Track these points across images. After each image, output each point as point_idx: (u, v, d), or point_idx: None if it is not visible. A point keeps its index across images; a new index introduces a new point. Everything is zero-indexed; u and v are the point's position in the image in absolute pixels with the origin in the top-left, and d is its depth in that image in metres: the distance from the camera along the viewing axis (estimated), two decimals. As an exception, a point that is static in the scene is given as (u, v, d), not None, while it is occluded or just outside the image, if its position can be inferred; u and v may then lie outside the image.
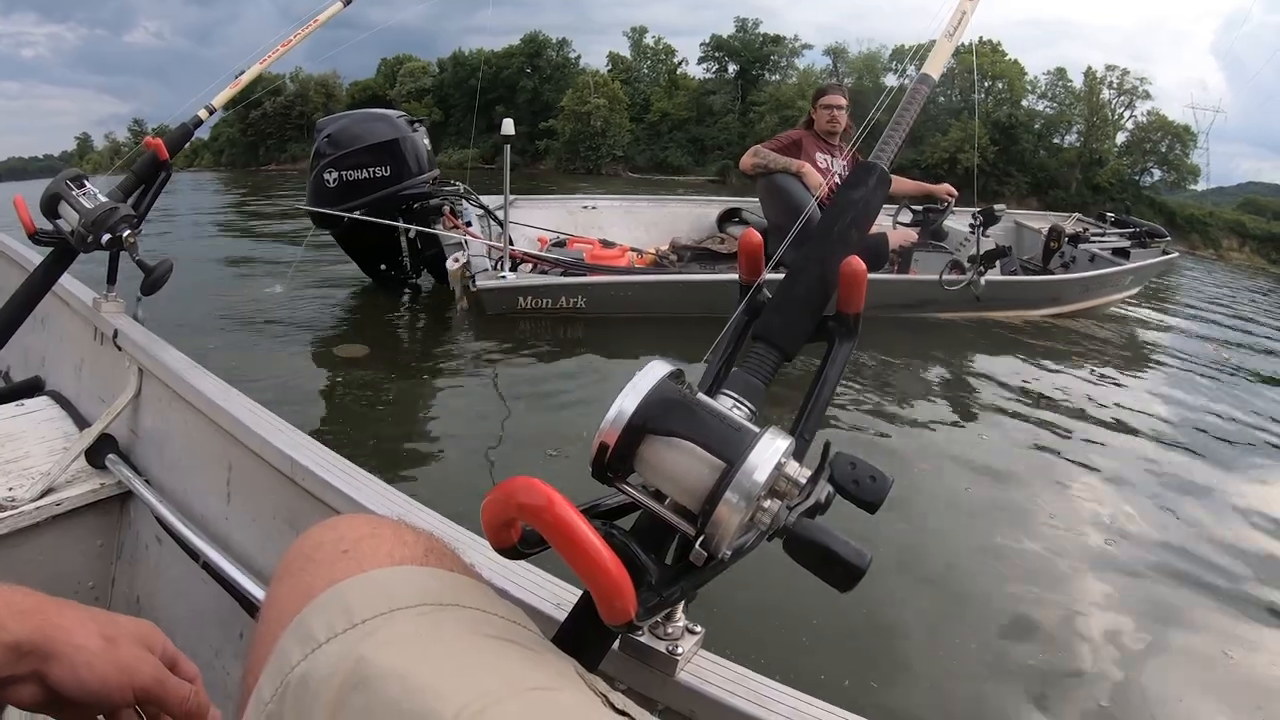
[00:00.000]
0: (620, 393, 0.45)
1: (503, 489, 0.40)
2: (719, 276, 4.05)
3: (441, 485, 2.06)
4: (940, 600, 1.77)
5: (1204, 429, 3.45)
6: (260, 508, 0.99)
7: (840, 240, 0.58)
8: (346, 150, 3.79)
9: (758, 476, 0.41)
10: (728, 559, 0.45)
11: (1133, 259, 5.26)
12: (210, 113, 1.65)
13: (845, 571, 0.42)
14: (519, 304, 3.54)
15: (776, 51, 49.65)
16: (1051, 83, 43.28)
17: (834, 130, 4.37)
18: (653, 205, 5.41)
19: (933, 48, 0.74)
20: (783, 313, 0.56)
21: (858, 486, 0.46)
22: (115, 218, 1.35)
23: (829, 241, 0.58)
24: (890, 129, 0.67)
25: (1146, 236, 5.55)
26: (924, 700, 1.51)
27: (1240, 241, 37.78)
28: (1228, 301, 9.90)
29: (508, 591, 0.64)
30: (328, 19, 1.80)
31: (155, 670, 0.53)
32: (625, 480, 0.47)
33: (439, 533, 0.52)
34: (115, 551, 1.25)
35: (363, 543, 0.47)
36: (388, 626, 0.39)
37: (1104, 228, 5.61)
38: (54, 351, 1.68)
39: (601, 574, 0.38)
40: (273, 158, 46.10)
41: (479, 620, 0.42)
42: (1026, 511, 2.33)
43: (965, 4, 0.78)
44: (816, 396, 0.52)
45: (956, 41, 0.76)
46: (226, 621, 0.98)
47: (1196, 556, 2.20)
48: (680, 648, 0.56)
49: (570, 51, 52.06)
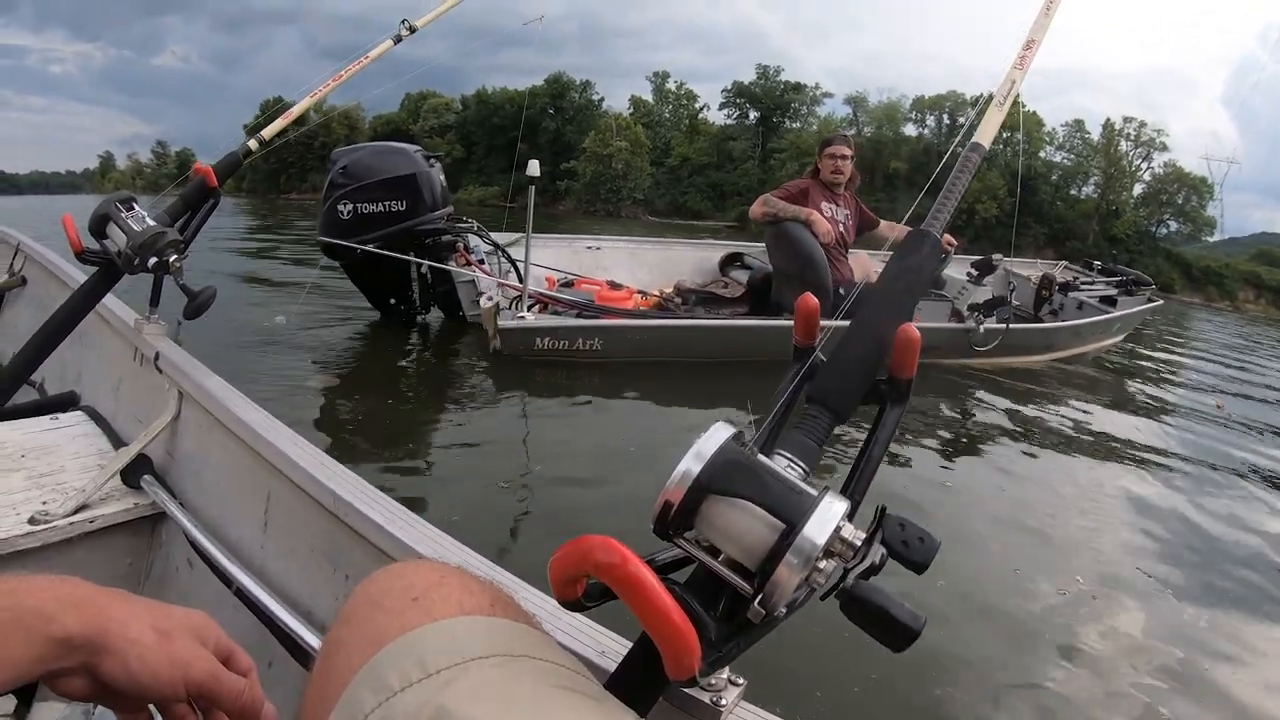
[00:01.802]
0: (686, 453, 0.46)
1: (576, 546, 0.42)
2: (736, 322, 4.09)
3: (466, 527, 2.02)
4: (983, 649, 1.75)
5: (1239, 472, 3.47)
6: (298, 539, 1.00)
7: (895, 306, 0.60)
8: (363, 183, 3.77)
9: (817, 539, 0.43)
10: (781, 617, 0.46)
11: (1120, 306, 5.38)
12: (261, 145, 1.69)
13: (901, 633, 0.44)
14: (536, 345, 3.53)
15: (797, 99, 50.52)
16: (1069, 134, 43.72)
17: (838, 180, 4.44)
18: (656, 248, 5.44)
19: (983, 117, 0.76)
20: (838, 376, 0.57)
21: (907, 548, 0.47)
22: (162, 242, 1.39)
23: (884, 307, 0.60)
24: (943, 198, 0.69)
25: (1133, 284, 5.68)
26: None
27: (1256, 293, 37.75)
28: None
29: (555, 639, 0.65)
30: (378, 56, 1.85)
31: (208, 664, 0.52)
32: (682, 536, 0.48)
33: (495, 580, 0.53)
34: (144, 572, 1.26)
35: (432, 591, 0.47)
36: (464, 677, 0.40)
37: (1091, 276, 5.73)
38: (91, 368, 1.71)
39: (673, 631, 0.40)
40: (293, 186, 47.05)
41: (550, 672, 0.43)
42: (1064, 555, 2.32)
43: (1014, 73, 0.80)
44: (867, 458, 0.53)
45: (1006, 109, 0.77)
46: (255, 650, 0.97)
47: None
48: (724, 699, 0.56)
49: (593, 94, 52.93)
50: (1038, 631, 1.86)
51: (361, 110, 46.98)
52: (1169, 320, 13.91)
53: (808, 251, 4.14)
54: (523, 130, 40.59)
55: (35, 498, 1.19)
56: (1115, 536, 2.54)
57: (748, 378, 3.61)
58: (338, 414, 2.95)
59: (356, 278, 4.16)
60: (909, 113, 47.97)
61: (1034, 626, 1.88)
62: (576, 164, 45.69)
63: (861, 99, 49.12)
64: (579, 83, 52.29)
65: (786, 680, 1.51)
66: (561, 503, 2.34)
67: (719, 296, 4.80)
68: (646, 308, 4.32)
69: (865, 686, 1.56)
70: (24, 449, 1.36)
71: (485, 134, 50.76)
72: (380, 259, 3.73)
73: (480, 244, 4.26)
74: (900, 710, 1.54)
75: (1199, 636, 1.95)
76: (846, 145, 4.49)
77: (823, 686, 1.54)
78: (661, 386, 3.59)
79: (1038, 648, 1.80)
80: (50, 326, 1.43)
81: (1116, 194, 41.60)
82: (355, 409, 3.03)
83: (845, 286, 4.22)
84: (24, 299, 2.23)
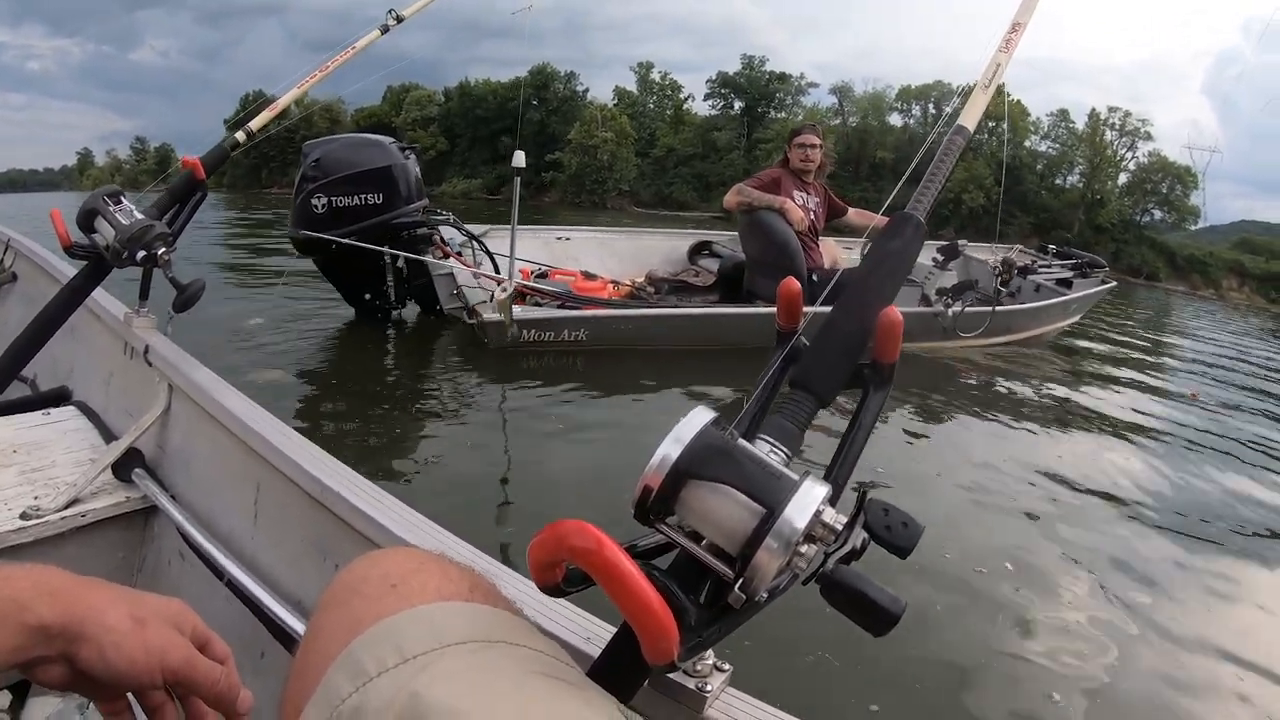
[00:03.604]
0: (664, 438, 0.46)
1: (552, 531, 0.41)
2: (720, 310, 4.13)
3: (452, 517, 2.03)
4: (962, 631, 1.79)
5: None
6: (287, 530, 1.01)
7: (878, 290, 0.60)
8: (337, 176, 3.65)
9: (797, 523, 0.43)
10: (763, 602, 0.47)
11: (1075, 289, 5.53)
12: (249, 136, 1.69)
13: (881, 617, 0.44)
14: (522, 337, 3.54)
15: (782, 89, 50.43)
16: (1054, 124, 43.89)
17: (808, 168, 4.55)
18: (625, 237, 5.49)
19: (968, 99, 0.76)
20: (821, 361, 0.57)
21: (890, 532, 0.47)
22: (150, 235, 1.38)
23: (867, 291, 0.60)
24: (926, 180, 0.69)
25: (1087, 267, 5.83)
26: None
27: (1240, 281, 38.13)
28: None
29: (540, 625, 0.65)
30: (365, 47, 1.84)
31: (185, 652, 0.52)
32: (664, 521, 0.48)
33: (478, 567, 0.53)
34: (137, 565, 1.26)
35: (410, 578, 0.48)
36: (439, 662, 0.40)
37: (1047, 259, 5.87)
38: (82, 363, 1.70)
39: (649, 616, 0.40)
40: (275, 180, 46.44)
41: (527, 658, 0.44)
42: (1046, 536, 2.37)
43: (1000, 56, 0.80)
44: (850, 443, 0.54)
45: (992, 92, 0.77)
46: (247, 641, 0.98)
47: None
48: (709, 685, 0.57)
49: (577, 85, 52.63)
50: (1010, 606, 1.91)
51: (343, 104, 46.42)
52: (1159, 310, 14.06)
53: (782, 239, 4.23)
54: (519, 123, 39.98)
55: (27, 493, 1.19)
56: (1079, 515, 2.60)
57: (731, 363, 3.67)
58: (319, 413, 2.92)
59: (331, 274, 4.05)
60: (894, 102, 48.05)
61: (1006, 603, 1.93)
62: (561, 155, 45.45)
63: (847, 89, 49.12)
64: (563, 74, 51.99)
65: (771, 663, 1.52)
66: (546, 490, 2.36)
67: (691, 285, 4.87)
68: (619, 297, 4.34)
69: (847, 668, 1.58)
70: (15, 444, 1.35)
71: (468, 126, 50.35)
72: (355, 254, 3.63)
73: (455, 235, 4.18)
74: (886, 690, 1.56)
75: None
76: (815, 134, 4.62)
77: (807, 669, 1.56)
78: (644, 374, 3.60)
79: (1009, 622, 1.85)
80: (40, 321, 1.43)
81: (1101, 183, 41.84)
82: (336, 407, 3.00)
83: (818, 272, 4.32)
84: (14, 295, 2.22)
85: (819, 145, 4.56)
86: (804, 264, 4.26)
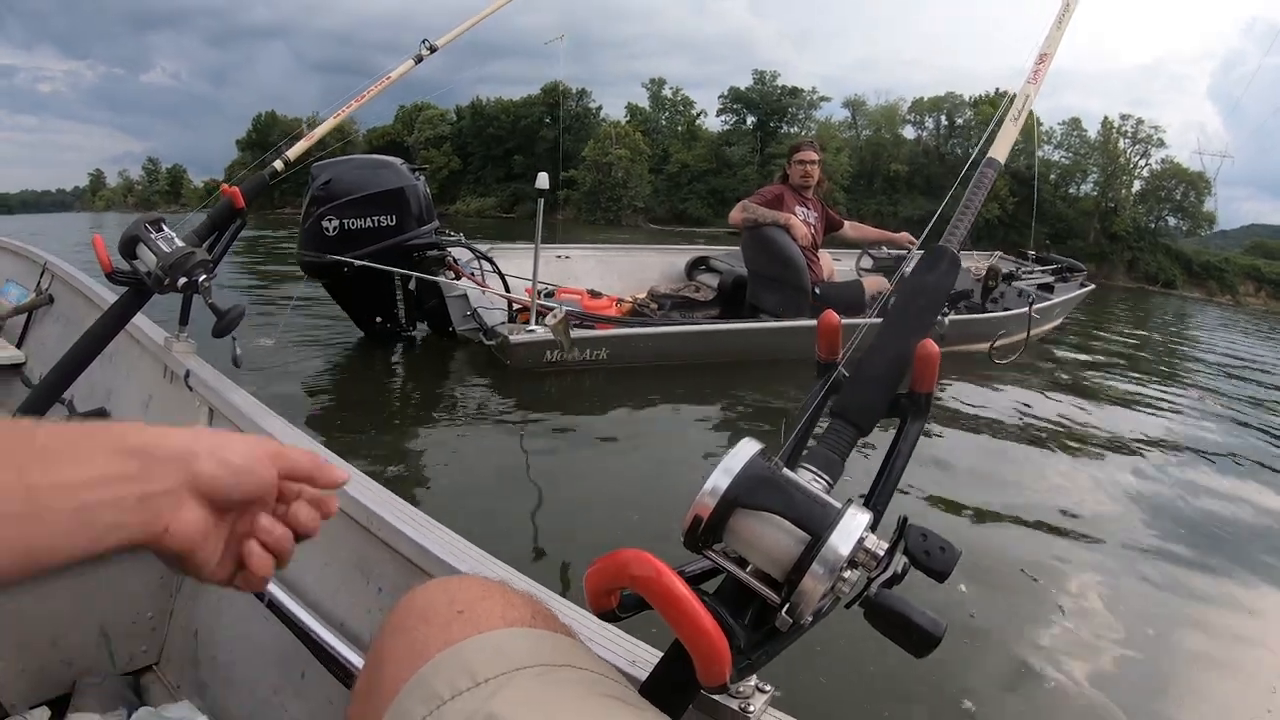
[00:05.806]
0: (715, 469, 0.48)
1: (612, 560, 0.44)
2: (733, 325, 4.13)
3: (487, 539, 2.01)
4: (1003, 653, 1.78)
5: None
6: (333, 553, 1.02)
7: (916, 322, 0.62)
8: (349, 198, 3.56)
9: (842, 550, 0.45)
10: (808, 625, 0.49)
11: (1057, 293, 5.57)
12: (286, 165, 1.72)
13: (923, 639, 0.46)
14: (545, 357, 3.53)
15: (794, 103, 50.42)
16: (1066, 133, 43.71)
17: (807, 184, 4.62)
18: (624, 254, 5.52)
19: (998, 133, 0.78)
20: (861, 392, 0.59)
21: (929, 557, 0.49)
22: (191, 262, 1.42)
23: (905, 323, 0.62)
24: (959, 214, 0.71)
25: (1067, 271, 5.91)
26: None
27: (1256, 286, 37.72)
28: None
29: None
30: (400, 76, 1.87)
31: (277, 444, 0.49)
32: (711, 548, 0.50)
33: (534, 594, 0.55)
34: (176, 586, 1.28)
35: (476, 604, 0.49)
36: (510, 686, 0.42)
37: (1029, 265, 5.93)
38: (121, 386, 1.73)
39: (705, 640, 0.42)
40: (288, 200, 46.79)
41: (589, 680, 0.46)
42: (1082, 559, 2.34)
43: (1028, 88, 0.82)
44: (889, 470, 0.56)
45: (1021, 124, 0.79)
46: (288, 660, 1.00)
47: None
48: (752, 706, 0.58)
49: (590, 102, 52.86)
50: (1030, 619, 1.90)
51: (355, 124, 46.72)
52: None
53: (788, 254, 4.29)
54: (560, 148, 40.06)
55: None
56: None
57: (752, 378, 3.67)
58: (335, 433, 2.87)
59: (340, 296, 3.95)
60: (907, 115, 48.02)
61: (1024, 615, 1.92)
62: (576, 173, 45.61)
63: (860, 102, 49.18)
64: (575, 91, 52.23)
65: (814, 688, 1.52)
66: (578, 512, 2.33)
67: (692, 300, 4.90)
68: (623, 315, 4.36)
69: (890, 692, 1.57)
70: None
71: (481, 145, 50.70)
72: (366, 276, 3.59)
73: (464, 255, 4.14)
74: (925, 714, 1.56)
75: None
76: (814, 150, 4.69)
77: (849, 693, 1.55)
78: (658, 390, 3.60)
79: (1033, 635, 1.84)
80: (82, 345, 1.45)
81: (1116, 191, 41.61)
82: (352, 427, 2.95)
83: (820, 286, 4.40)
84: (51, 316, 2.26)
85: (818, 161, 4.65)
86: (809, 278, 4.33)
